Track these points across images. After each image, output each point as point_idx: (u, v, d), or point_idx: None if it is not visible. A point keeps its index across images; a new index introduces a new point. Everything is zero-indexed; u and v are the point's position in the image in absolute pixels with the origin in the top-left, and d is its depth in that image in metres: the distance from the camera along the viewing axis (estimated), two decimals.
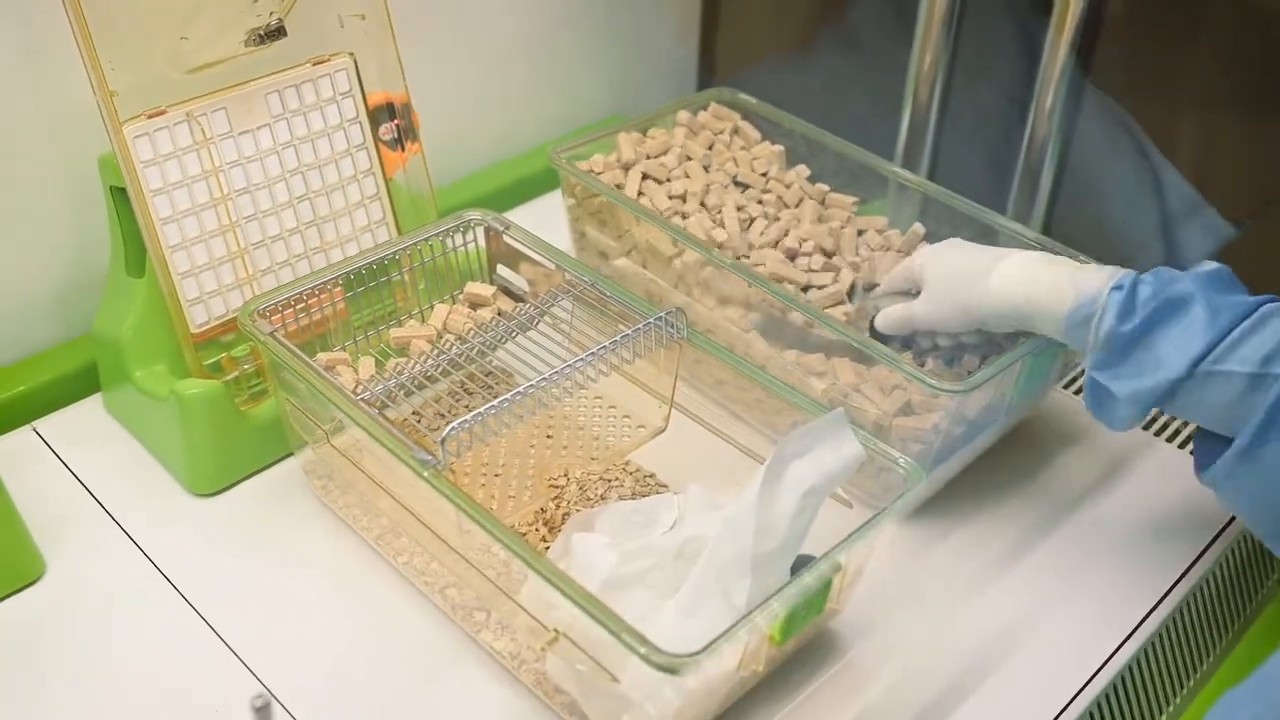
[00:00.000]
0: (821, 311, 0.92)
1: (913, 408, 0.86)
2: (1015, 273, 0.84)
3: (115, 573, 0.85)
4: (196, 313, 0.92)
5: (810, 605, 0.73)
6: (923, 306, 0.88)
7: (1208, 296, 0.78)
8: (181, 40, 0.87)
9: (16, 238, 0.98)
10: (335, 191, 0.99)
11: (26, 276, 0.99)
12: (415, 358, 0.88)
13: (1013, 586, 0.88)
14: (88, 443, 0.95)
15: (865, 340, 0.88)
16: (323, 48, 0.96)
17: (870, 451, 0.77)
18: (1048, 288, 0.82)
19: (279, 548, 0.88)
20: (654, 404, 0.92)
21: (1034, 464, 0.98)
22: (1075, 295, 0.81)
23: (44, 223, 0.98)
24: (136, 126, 0.87)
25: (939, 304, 0.87)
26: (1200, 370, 0.77)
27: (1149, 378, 0.78)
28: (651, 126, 1.10)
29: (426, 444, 0.76)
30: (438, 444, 0.75)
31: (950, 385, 0.82)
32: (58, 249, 1.00)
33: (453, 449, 0.76)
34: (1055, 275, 0.83)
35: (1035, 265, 0.84)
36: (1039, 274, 0.83)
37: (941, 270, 0.88)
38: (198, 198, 0.91)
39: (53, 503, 0.90)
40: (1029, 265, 0.84)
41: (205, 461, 0.91)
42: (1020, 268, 0.84)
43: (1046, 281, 0.82)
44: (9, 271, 0.98)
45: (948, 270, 0.87)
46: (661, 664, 0.65)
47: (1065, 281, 0.82)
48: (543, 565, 0.70)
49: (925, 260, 0.90)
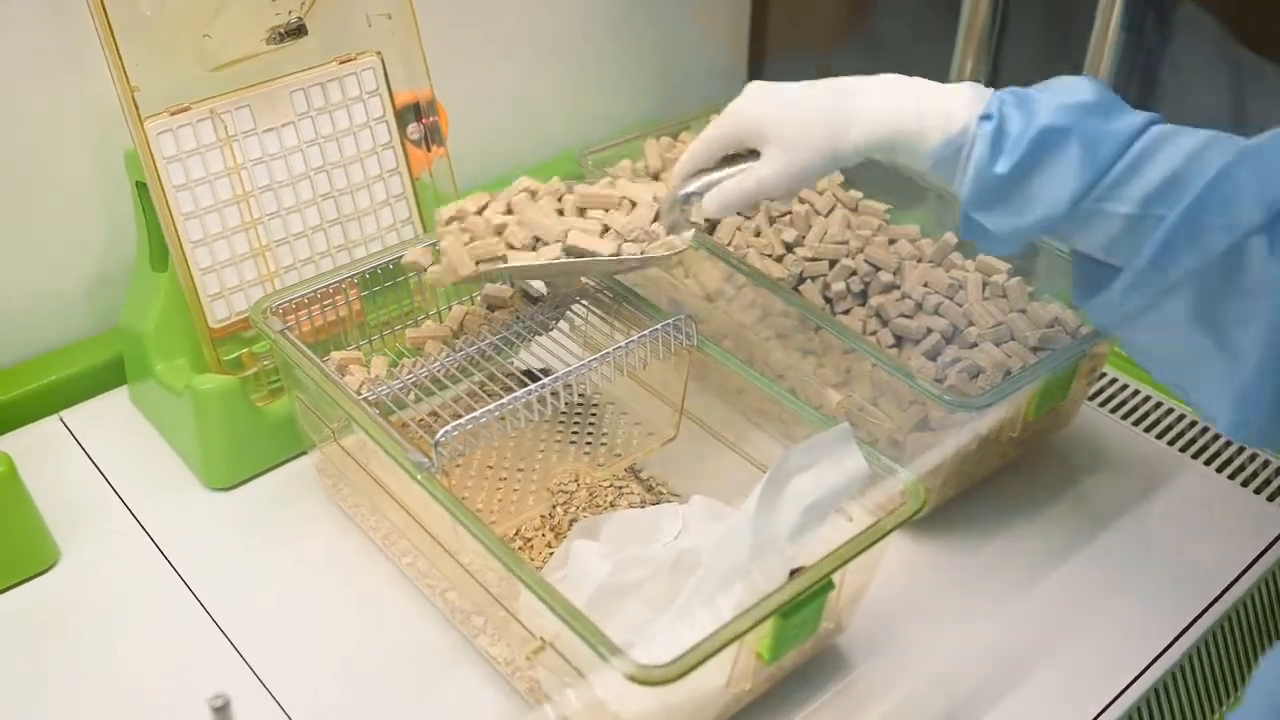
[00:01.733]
0: (828, 316, 0.90)
1: (929, 423, 0.84)
2: (878, 104, 0.76)
3: (126, 563, 0.86)
4: (217, 308, 0.93)
5: (803, 624, 0.71)
6: (771, 169, 0.78)
7: (1082, 128, 0.71)
8: (204, 38, 0.88)
9: (51, 231, 0.99)
10: (360, 190, 0.99)
11: (60, 269, 1.01)
12: (428, 359, 0.88)
13: (1031, 608, 0.85)
14: (111, 434, 0.97)
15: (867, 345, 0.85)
16: (350, 46, 0.96)
17: (875, 467, 0.75)
18: (915, 119, 0.75)
19: (288, 545, 0.88)
20: (666, 411, 0.91)
21: (1061, 481, 0.95)
22: (943, 128, 0.74)
23: (78, 216, 1.00)
24: (160, 123, 0.88)
25: (794, 158, 0.78)
26: (1080, 209, 0.71)
27: (1026, 216, 0.73)
28: (684, 131, 1.09)
29: (424, 446, 0.75)
30: (432, 447, 0.74)
31: (967, 402, 0.80)
32: (93, 242, 1.02)
33: (447, 452, 0.75)
34: (921, 106, 0.75)
35: (897, 94, 0.76)
36: (905, 106, 0.76)
37: (784, 120, 0.78)
38: (220, 194, 0.92)
39: (72, 492, 0.91)
40: (889, 93, 0.77)
41: (219, 456, 0.91)
42: (882, 97, 0.77)
43: (913, 113, 0.75)
44: (43, 264, 1.00)
45: (797, 116, 0.78)
46: (634, 675, 0.64)
47: (933, 114, 0.75)
48: (526, 573, 0.69)
49: (754, 114, 0.79)
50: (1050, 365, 0.84)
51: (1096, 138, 0.71)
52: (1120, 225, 0.71)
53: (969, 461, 0.87)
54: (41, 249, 0.99)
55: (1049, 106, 0.72)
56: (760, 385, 0.82)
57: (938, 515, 0.90)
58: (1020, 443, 0.92)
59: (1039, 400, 0.85)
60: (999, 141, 0.73)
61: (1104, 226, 0.72)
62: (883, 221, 1.02)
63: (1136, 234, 0.70)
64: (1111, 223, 0.71)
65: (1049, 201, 0.72)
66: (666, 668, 0.64)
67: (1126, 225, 0.71)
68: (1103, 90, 0.73)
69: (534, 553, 0.86)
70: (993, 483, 0.93)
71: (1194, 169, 0.68)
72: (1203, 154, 0.69)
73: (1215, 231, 0.66)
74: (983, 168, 0.73)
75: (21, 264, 0.99)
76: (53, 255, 1.00)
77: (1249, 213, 0.65)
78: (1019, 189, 0.73)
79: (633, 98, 1.36)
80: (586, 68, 1.31)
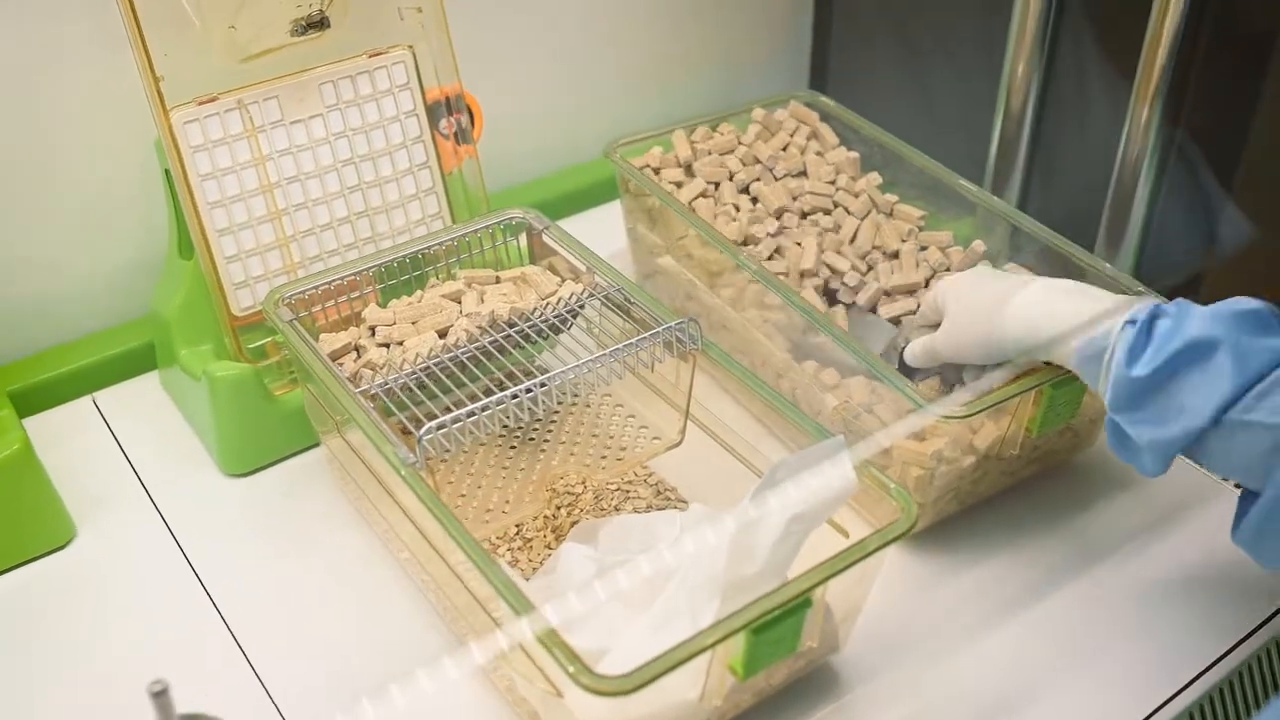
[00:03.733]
0: (825, 319, 0.87)
1: (924, 432, 0.81)
2: (1033, 301, 0.78)
3: (137, 545, 0.88)
4: (242, 296, 0.94)
5: (779, 641, 0.69)
6: (943, 337, 0.84)
7: (1235, 338, 0.69)
8: (230, 29, 0.89)
9: (96, 217, 1.02)
10: (389, 184, 0.99)
11: (102, 253, 1.03)
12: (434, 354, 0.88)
13: (1035, 636, 0.82)
14: (138, 417, 0.99)
15: (863, 351, 0.84)
16: (382, 40, 0.97)
17: (865, 481, 0.73)
18: (1063, 319, 0.76)
19: (294, 534, 0.89)
20: (673, 415, 0.90)
21: (1075, 505, 0.91)
22: (1088, 329, 0.74)
23: (124, 203, 1.02)
24: (186, 112, 0.89)
25: (959, 334, 0.82)
26: (1227, 420, 0.69)
27: (1171, 426, 0.71)
28: (724, 121, 1.07)
29: (410, 443, 0.75)
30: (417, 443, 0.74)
31: (948, 410, 0.77)
32: (135, 228, 1.04)
33: (432, 449, 0.75)
34: (1072, 306, 0.76)
35: (1055, 294, 0.78)
36: (1056, 304, 0.77)
37: (962, 299, 0.83)
38: (247, 184, 0.93)
39: (95, 471, 0.93)
40: (1048, 294, 0.78)
41: (234, 442, 0.93)
42: (1039, 296, 0.78)
43: (1062, 312, 0.76)
44: (85, 248, 1.02)
45: (968, 299, 0.82)
46: (589, 685, 0.62)
47: (1080, 313, 0.75)
48: (495, 575, 0.68)
49: (946, 289, 0.85)
50: (1039, 381, 0.80)
51: (1248, 350, 0.69)
52: (1267, 441, 0.68)
53: (967, 478, 0.83)
54: (85, 234, 1.02)
55: (1203, 317, 0.71)
56: (760, 392, 0.80)
57: (940, 532, 0.87)
58: (1032, 462, 0.88)
59: (1043, 417, 0.81)
60: (1141, 344, 0.72)
61: (1251, 441, 0.69)
62: (915, 227, 0.99)
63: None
64: (1260, 437, 0.68)
65: (1193, 411, 0.70)
66: (623, 679, 0.63)
67: (1274, 441, 0.68)
68: (1267, 308, 0.72)
69: (533, 553, 0.85)
70: (1002, 502, 0.90)
71: None
72: None
73: None
74: (1120, 370, 0.72)
75: (64, 248, 1.01)
76: (95, 240, 1.03)
77: None
78: (1161, 395, 0.71)
79: (685, 101, 1.34)
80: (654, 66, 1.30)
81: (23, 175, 0.97)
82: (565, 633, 0.71)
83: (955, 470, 0.82)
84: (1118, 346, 0.72)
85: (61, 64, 0.95)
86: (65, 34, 0.94)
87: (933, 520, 0.86)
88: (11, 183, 0.97)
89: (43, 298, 1.01)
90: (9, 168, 0.96)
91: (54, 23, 0.94)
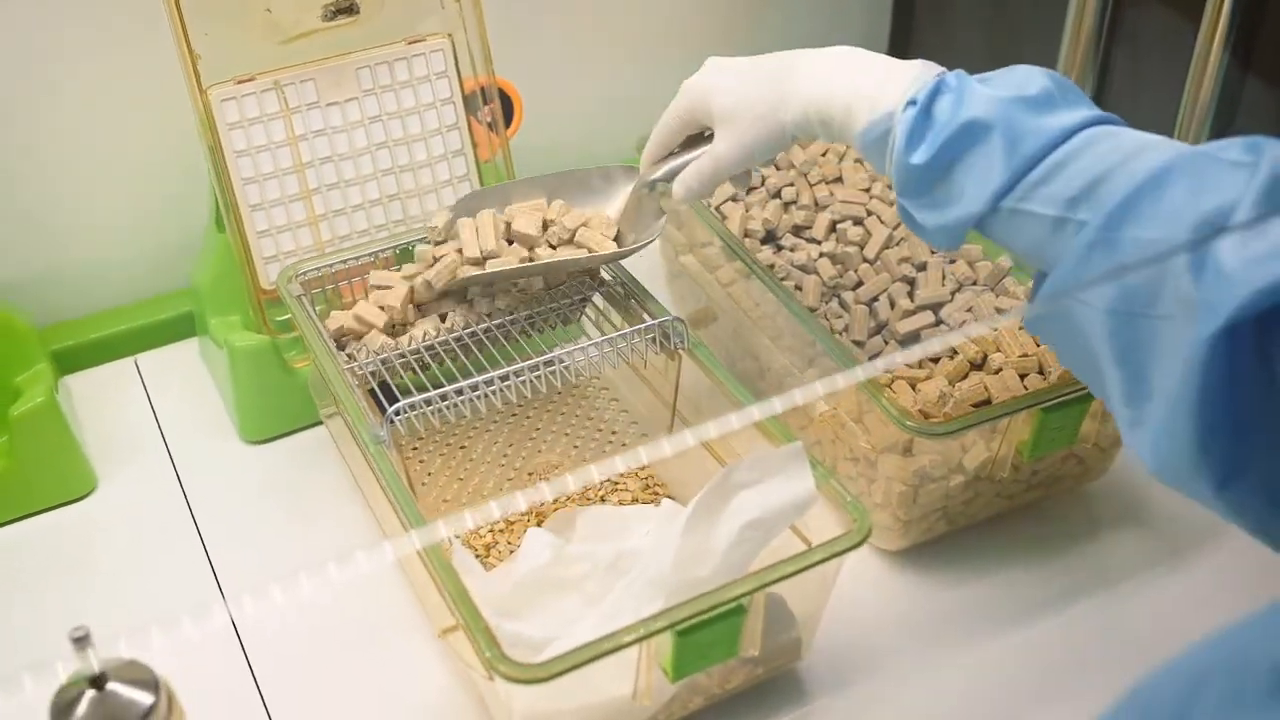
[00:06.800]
0: (820, 327, 0.85)
1: (912, 448, 0.79)
2: (815, 79, 0.72)
3: (151, 502, 0.92)
4: (271, 270, 0.97)
5: (712, 645, 0.68)
6: (723, 146, 0.76)
7: (1009, 120, 0.65)
8: (266, 11, 0.92)
9: (150, 188, 1.07)
10: (423, 169, 1.01)
11: (153, 225, 1.08)
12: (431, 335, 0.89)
13: (1010, 664, 0.79)
14: (173, 380, 1.03)
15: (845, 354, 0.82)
16: (422, 27, 0.99)
17: (824, 491, 0.72)
18: (847, 97, 0.71)
19: (297, 503, 0.92)
20: (664, 411, 0.89)
21: (1076, 535, 0.87)
22: (869, 110, 0.69)
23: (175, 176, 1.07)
24: (224, 90, 0.93)
25: (742, 134, 0.75)
26: (1003, 208, 0.65)
27: (949, 211, 0.67)
28: None
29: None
30: (385, 422, 0.76)
31: (925, 428, 0.75)
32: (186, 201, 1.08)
33: (404, 427, 0.76)
34: (854, 83, 0.71)
35: (834, 70, 0.72)
36: (839, 83, 0.71)
37: (730, 94, 0.76)
38: (281, 162, 0.96)
39: (124, 428, 0.98)
40: (827, 68, 0.72)
41: (252, 410, 0.96)
42: (819, 71, 0.72)
43: (846, 90, 0.71)
44: (138, 219, 1.07)
45: (738, 91, 0.75)
46: (504, 671, 0.63)
47: (863, 93, 0.70)
48: (433, 556, 0.69)
49: (704, 90, 0.77)
50: (1029, 402, 0.77)
51: (1022, 133, 0.65)
52: (1044, 229, 0.64)
53: (956, 498, 0.81)
54: (142, 204, 1.07)
55: (982, 97, 0.67)
56: (735, 393, 0.79)
57: (928, 550, 0.85)
58: (1033, 487, 0.85)
59: (1034, 440, 0.78)
60: (920, 130, 0.68)
61: (1028, 229, 0.65)
62: None
63: (1059, 240, 0.64)
64: (1035, 225, 0.65)
65: (970, 198, 0.66)
66: (537, 667, 0.63)
67: (1051, 229, 0.64)
68: (1054, 83, 0.67)
69: (513, 537, 0.86)
70: (998, 525, 0.87)
71: (1123, 174, 0.61)
72: (1137, 158, 0.61)
73: (1132, 245, 0.59)
74: (900, 157, 0.68)
75: (122, 217, 1.07)
76: (151, 208, 1.07)
77: (1173, 228, 0.58)
78: (941, 182, 0.68)
79: None
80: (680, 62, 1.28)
81: (86, 148, 1.03)
82: (510, 619, 0.73)
83: (941, 489, 0.80)
84: (898, 131, 0.68)
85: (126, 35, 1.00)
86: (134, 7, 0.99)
87: (920, 538, 0.84)
88: (76, 154, 1.02)
89: (96, 263, 1.07)
90: (73, 140, 1.02)
91: None
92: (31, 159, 1.01)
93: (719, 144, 0.77)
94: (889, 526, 0.83)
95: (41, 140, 1.01)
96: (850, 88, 0.71)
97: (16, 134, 1.00)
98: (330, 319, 0.88)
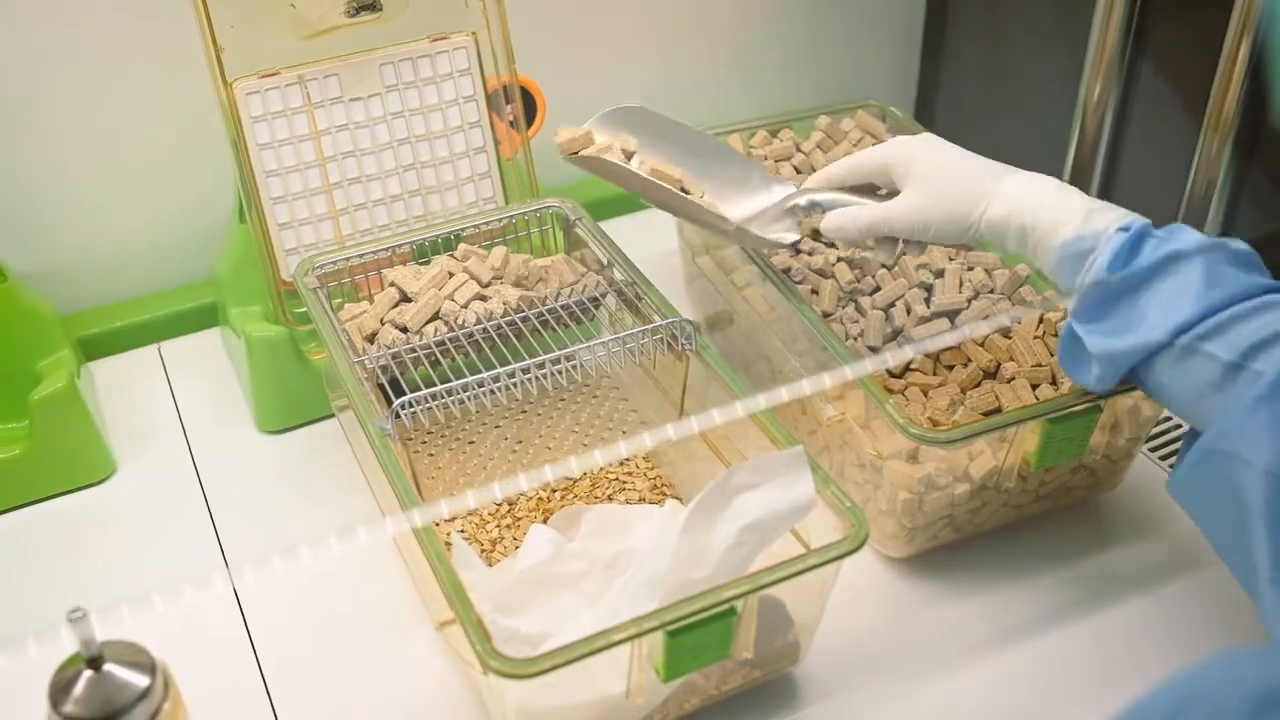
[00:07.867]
0: (828, 331, 0.85)
1: (918, 455, 0.78)
2: (1026, 188, 0.75)
3: (167, 488, 0.94)
4: (291, 263, 0.98)
5: (703, 647, 0.68)
6: (905, 207, 0.78)
7: (1212, 263, 0.66)
8: (290, 7, 0.93)
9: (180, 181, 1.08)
10: (444, 165, 1.02)
11: (183, 216, 1.10)
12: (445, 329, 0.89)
13: (1011, 676, 0.78)
14: (195, 368, 1.05)
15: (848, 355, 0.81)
16: (447, 25, 1.00)
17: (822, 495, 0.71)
18: (1056, 211, 0.73)
19: (309, 493, 0.93)
20: (673, 411, 0.89)
21: (1085, 547, 0.86)
22: (1079, 226, 0.71)
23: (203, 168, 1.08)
24: (248, 84, 0.94)
25: (930, 205, 0.77)
26: (1180, 343, 0.66)
27: (1127, 337, 0.68)
28: (784, 128, 1.06)
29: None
30: (390, 415, 0.76)
31: (925, 436, 0.74)
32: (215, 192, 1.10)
33: (408, 421, 0.77)
34: (1067, 202, 0.74)
35: (1046, 187, 0.75)
36: (1049, 197, 0.74)
37: (938, 168, 0.78)
38: (303, 156, 0.97)
39: (145, 415, 1.00)
40: (1040, 185, 0.75)
41: (267, 400, 0.97)
42: (1031, 185, 0.75)
43: (1056, 205, 0.73)
44: (167, 210, 1.09)
45: (947, 169, 0.77)
46: (492, 666, 0.63)
47: (1075, 210, 0.73)
48: (431, 547, 0.70)
49: (912, 152, 0.79)
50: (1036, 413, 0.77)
51: (1223, 276, 0.66)
52: (1215, 373, 0.65)
53: (962, 506, 0.80)
54: (169, 192, 1.08)
55: (1191, 239, 0.69)
56: (740, 395, 0.79)
57: (934, 559, 0.84)
58: (1042, 498, 0.84)
59: (1041, 451, 0.77)
60: (1125, 254, 0.70)
61: (1198, 371, 0.66)
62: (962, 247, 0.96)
63: (1227, 389, 0.64)
64: (1207, 368, 0.66)
65: (1152, 325, 0.67)
66: (526, 662, 0.64)
67: (1221, 375, 0.65)
68: (1251, 252, 0.69)
69: (519, 532, 0.86)
70: (1006, 536, 0.86)
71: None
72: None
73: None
74: (1098, 272, 0.70)
75: (150, 208, 1.08)
76: (178, 199, 1.09)
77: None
78: (1127, 305, 0.69)
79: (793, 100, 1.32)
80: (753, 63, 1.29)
81: (113, 139, 1.04)
82: (508, 614, 0.73)
83: (947, 497, 0.80)
84: (1105, 249, 0.70)
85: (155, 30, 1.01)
86: None
87: (926, 546, 0.84)
88: (104, 145, 1.04)
89: (122, 252, 1.08)
90: (101, 131, 1.04)
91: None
92: (60, 149, 1.03)
93: (900, 204, 0.79)
94: (894, 533, 0.82)
95: (70, 131, 1.03)
96: (1065, 204, 0.74)
97: (46, 124, 1.02)
98: (344, 311, 0.88)
